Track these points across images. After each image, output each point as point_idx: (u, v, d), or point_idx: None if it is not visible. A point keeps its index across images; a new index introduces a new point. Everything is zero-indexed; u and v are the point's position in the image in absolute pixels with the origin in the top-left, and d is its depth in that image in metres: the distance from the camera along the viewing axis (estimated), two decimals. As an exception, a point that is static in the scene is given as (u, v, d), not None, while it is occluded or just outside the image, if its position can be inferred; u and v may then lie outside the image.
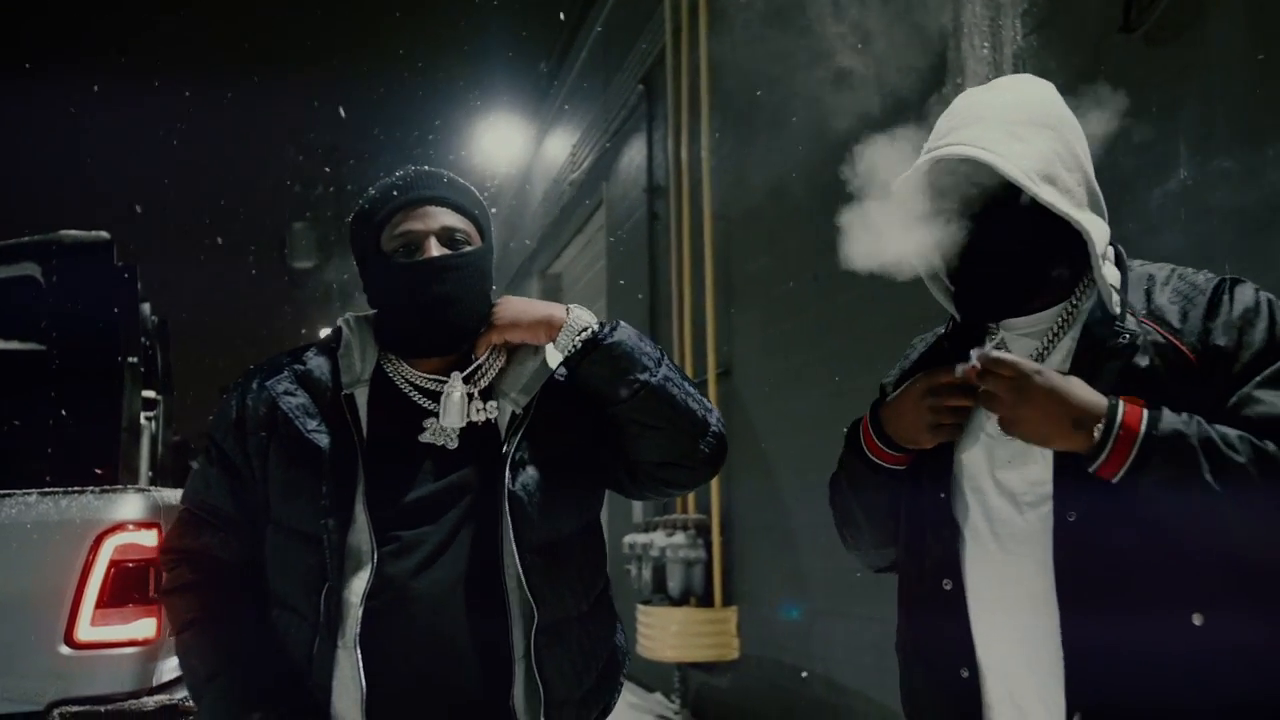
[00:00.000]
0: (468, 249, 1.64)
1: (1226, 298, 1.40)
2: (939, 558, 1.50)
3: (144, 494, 3.54)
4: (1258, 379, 1.33)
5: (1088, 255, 1.44)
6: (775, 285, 5.60)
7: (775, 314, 5.65)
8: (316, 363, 1.66)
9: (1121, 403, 1.33)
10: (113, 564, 3.37)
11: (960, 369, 1.42)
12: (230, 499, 1.64)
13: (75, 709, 3.28)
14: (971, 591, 1.46)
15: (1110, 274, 1.46)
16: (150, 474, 6.56)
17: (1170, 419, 1.31)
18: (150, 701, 3.40)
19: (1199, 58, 2.87)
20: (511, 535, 1.54)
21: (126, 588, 3.39)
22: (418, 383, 1.64)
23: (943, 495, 1.51)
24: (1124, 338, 1.39)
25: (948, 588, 1.48)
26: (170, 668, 3.63)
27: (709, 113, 6.55)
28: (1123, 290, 1.46)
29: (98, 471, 4.92)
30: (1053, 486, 1.40)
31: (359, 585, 1.52)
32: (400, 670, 1.52)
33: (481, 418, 1.61)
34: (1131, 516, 1.35)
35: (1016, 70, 3.61)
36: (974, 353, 1.42)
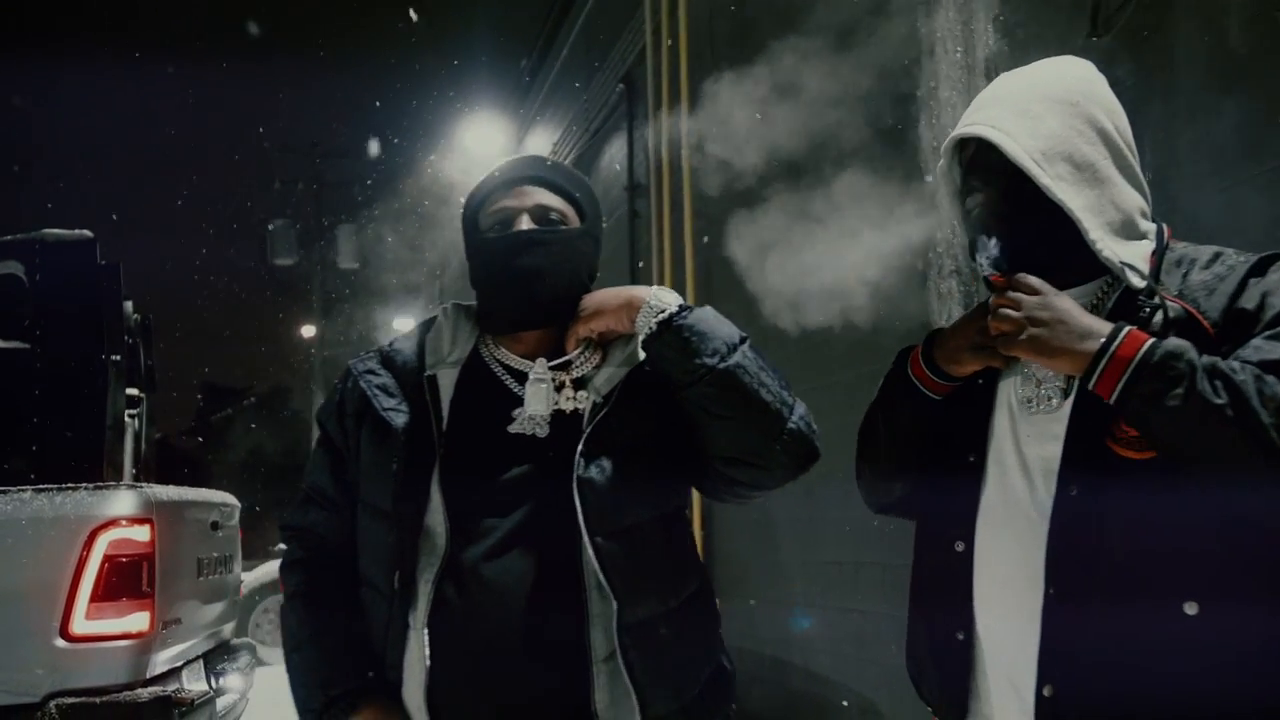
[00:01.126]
0: (561, 226, 1.63)
1: (1264, 270, 1.41)
2: (957, 518, 1.52)
3: (136, 490, 3.60)
4: (1267, 332, 1.34)
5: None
6: (757, 283, 5.68)
7: (755, 311, 5.73)
8: (405, 345, 1.67)
9: (1127, 326, 1.38)
10: (107, 559, 3.44)
11: (988, 273, 1.49)
12: (331, 480, 1.67)
13: (71, 700, 3.35)
14: (979, 557, 1.49)
15: (1129, 251, 1.46)
16: (134, 471, 6.57)
17: (1173, 340, 1.34)
18: (144, 693, 3.48)
19: (1162, 63, 2.97)
20: (582, 522, 1.50)
21: (120, 582, 3.46)
22: (510, 364, 1.63)
23: (972, 459, 1.53)
24: (1145, 311, 1.42)
25: (959, 549, 1.51)
26: (163, 660, 3.70)
27: (689, 112, 6.63)
28: (1155, 269, 1.47)
29: (86, 467, 4.97)
30: (1060, 462, 1.43)
31: (431, 567, 1.51)
32: (464, 656, 1.50)
33: (570, 406, 1.58)
34: (1135, 497, 1.35)
35: (989, 75, 3.71)
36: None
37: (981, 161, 1.53)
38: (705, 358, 1.52)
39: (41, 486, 3.60)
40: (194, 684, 3.96)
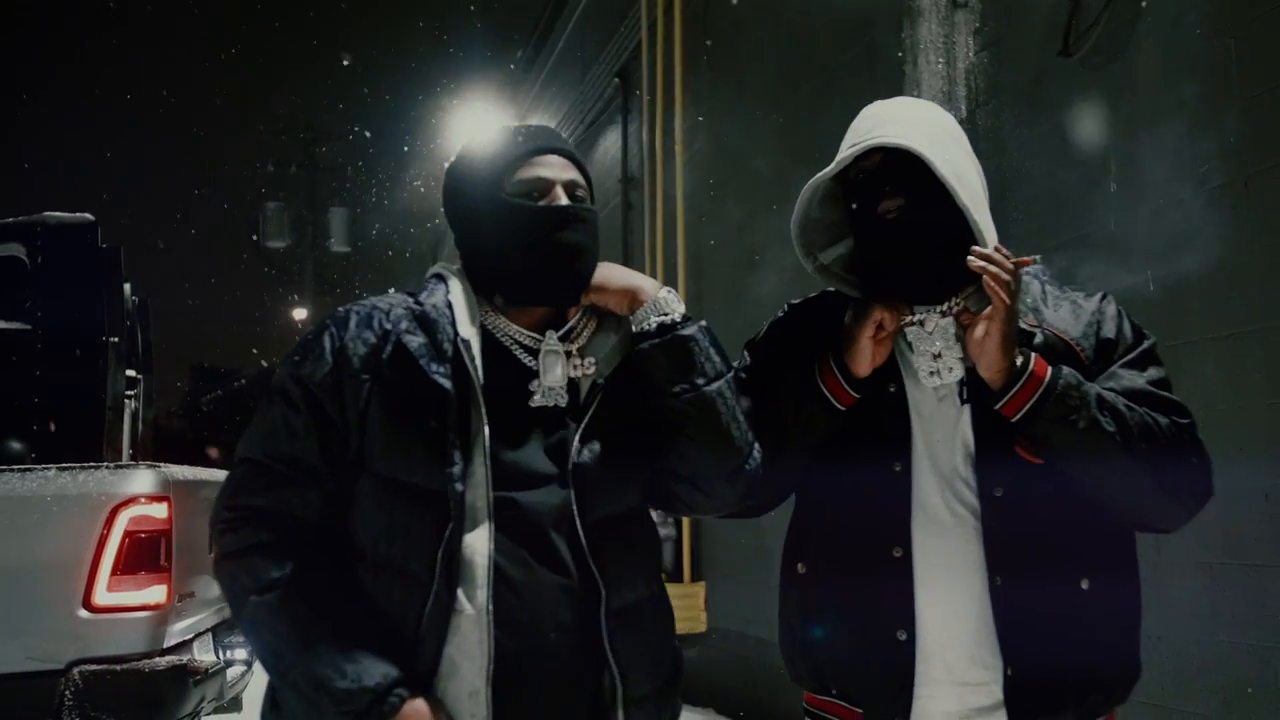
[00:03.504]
0: (592, 206, 1.60)
1: (1106, 308, 1.65)
2: (892, 526, 1.58)
3: (155, 470, 3.78)
4: (1121, 362, 1.60)
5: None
6: (746, 275, 5.84)
7: (745, 303, 5.89)
8: (433, 303, 1.53)
9: (1034, 355, 1.55)
10: (127, 534, 3.62)
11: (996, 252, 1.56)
12: (317, 449, 1.46)
13: (93, 668, 3.52)
14: (918, 559, 1.56)
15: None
16: (131, 452, 6.66)
17: (1068, 369, 1.53)
18: (162, 661, 3.66)
19: (1128, 82, 3.17)
20: (575, 509, 1.45)
21: (140, 556, 3.64)
22: (516, 337, 1.54)
23: (898, 468, 1.59)
24: (1029, 344, 1.58)
25: (897, 555, 1.56)
26: (177, 631, 3.88)
27: (683, 107, 6.79)
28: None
29: (85, 447, 5.06)
30: (975, 467, 1.57)
31: (481, 544, 1.41)
32: (523, 638, 1.42)
33: (579, 374, 1.53)
34: (1045, 494, 1.54)
35: (970, 85, 3.90)
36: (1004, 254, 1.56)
37: (895, 172, 1.60)
38: (694, 377, 1.50)
39: (65, 465, 3.77)
40: (204, 655, 4.13)
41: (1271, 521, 2.72)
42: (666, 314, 1.54)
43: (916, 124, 1.62)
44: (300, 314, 24.14)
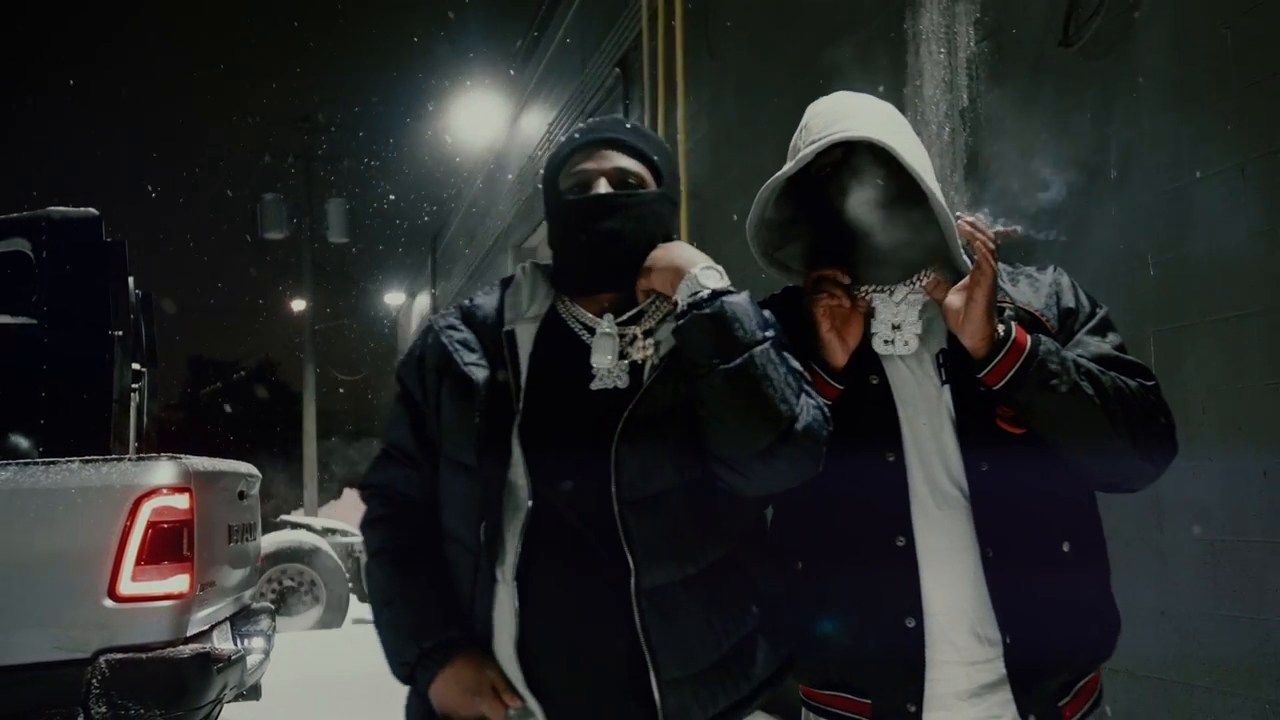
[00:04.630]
0: (638, 190, 1.61)
1: (1061, 279, 1.72)
2: (892, 516, 1.59)
3: (176, 461, 3.83)
4: (1084, 329, 1.66)
5: (941, 238, 1.66)
6: (748, 265, 5.91)
7: (750, 290, 5.95)
8: (485, 301, 1.68)
9: (1014, 323, 1.59)
10: (150, 525, 3.68)
11: (981, 220, 1.60)
12: (411, 436, 1.66)
13: (119, 656, 3.59)
14: (920, 545, 1.58)
15: (966, 260, 1.66)
16: (136, 445, 6.72)
17: (1046, 338, 1.58)
18: (185, 650, 3.72)
19: (1127, 71, 3.23)
20: (614, 488, 1.49)
21: (163, 546, 3.70)
22: (585, 321, 1.62)
23: (892, 458, 1.61)
24: (1004, 315, 1.62)
25: (900, 544, 1.58)
26: (198, 620, 3.95)
27: (684, 95, 6.84)
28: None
29: (92, 440, 5.10)
30: (959, 445, 1.61)
31: (516, 521, 1.52)
32: (552, 609, 1.51)
33: (640, 356, 1.57)
34: (1026, 463, 1.58)
35: (971, 75, 3.95)
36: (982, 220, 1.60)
37: (859, 165, 1.64)
38: (712, 356, 1.48)
39: (88, 458, 3.83)
40: (223, 644, 4.21)
41: (1271, 499, 2.79)
42: (695, 292, 1.52)
43: (871, 116, 1.66)
44: (299, 305, 24.18)
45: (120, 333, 5.82)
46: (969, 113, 3.95)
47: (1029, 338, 1.57)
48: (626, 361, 1.58)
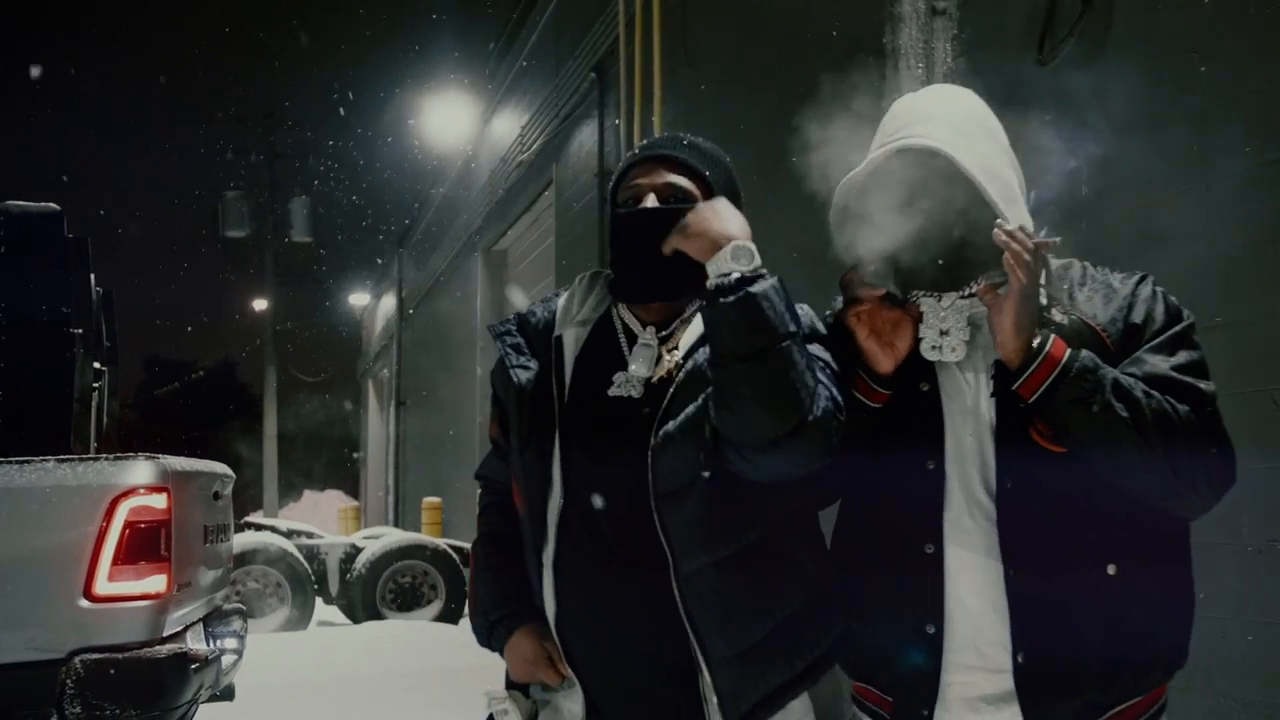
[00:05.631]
0: (683, 204, 1.64)
1: (1141, 290, 1.64)
2: (924, 523, 1.61)
3: (154, 461, 3.80)
4: (1147, 346, 1.58)
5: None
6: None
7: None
8: (541, 308, 1.80)
9: (1052, 336, 1.55)
10: (127, 525, 3.64)
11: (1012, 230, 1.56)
12: (501, 432, 1.83)
13: (95, 657, 3.55)
14: (948, 554, 1.60)
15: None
16: (96, 445, 6.65)
17: (1086, 353, 1.53)
18: (163, 650, 3.69)
19: (1099, 90, 3.32)
20: (651, 486, 1.58)
21: (140, 546, 3.66)
22: (633, 329, 1.72)
23: (932, 466, 1.62)
24: (1050, 328, 1.58)
25: (929, 551, 1.60)
26: (176, 619, 3.94)
27: (661, 103, 6.89)
28: (1046, 282, 1.62)
29: (53, 440, 5.03)
30: (995, 457, 1.59)
31: (554, 511, 1.64)
32: (583, 595, 1.63)
33: (664, 369, 1.66)
34: (1059, 483, 1.55)
35: (946, 89, 4.04)
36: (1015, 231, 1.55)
37: (921, 172, 1.62)
38: (735, 345, 1.49)
39: (64, 457, 3.81)
40: (197, 644, 4.19)
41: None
42: (724, 274, 1.51)
43: (945, 118, 1.64)
44: (260, 304, 24.00)
45: (81, 331, 5.78)
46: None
47: (1066, 352, 1.53)
48: (649, 374, 1.67)
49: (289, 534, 10.20)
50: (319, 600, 9.86)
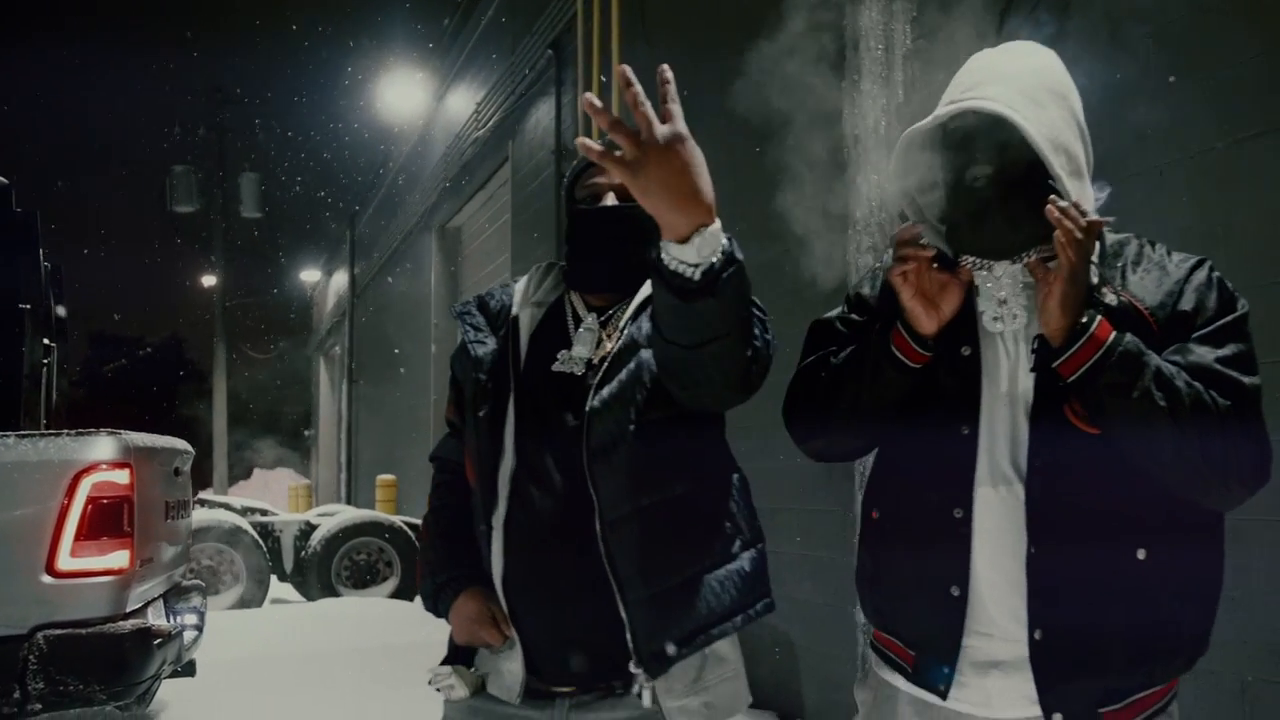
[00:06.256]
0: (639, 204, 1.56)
1: (1196, 275, 1.60)
2: (955, 488, 1.61)
3: (116, 437, 3.80)
4: (1196, 335, 1.55)
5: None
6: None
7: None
8: (500, 291, 1.94)
9: (1099, 317, 1.52)
10: (89, 500, 3.66)
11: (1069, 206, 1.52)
12: (456, 411, 1.95)
13: (57, 632, 3.58)
14: (976, 519, 1.60)
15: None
16: (45, 421, 6.59)
17: (1131, 337, 1.50)
18: (126, 625, 3.71)
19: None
20: (584, 443, 1.70)
21: (102, 522, 3.68)
22: (580, 314, 1.85)
23: (966, 431, 1.62)
24: (1099, 308, 1.55)
25: (958, 515, 1.60)
26: (138, 595, 3.94)
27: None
28: (1099, 260, 1.62)
29: (2, 417, 4.97)
30: (1028, 433, 1.58)
31: (505, 475, 1.74)
32: (529, 554, 1.74)
33: (604, 350, 1.78)
34: (1092, 465, 1.54)
35: (906, 71, 4.10)
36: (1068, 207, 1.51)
37: (987, 136, 1.59)
38: (679, 334, 1.53)
39: (25, 433, 3.78)
40: (159, 620, 4.19)
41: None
42: (679, 265, 1.44)
43: (1019, 81, 1.60)
44: (209, 280, 23.67)
45: (30, 307, 5.70)
46: (905, 106, 4.10)
47: (1111, 335, 1.50)
48: (589, 355, 1.79)
49: (243, 511, 10.13)
50: (274, 578, 9.82)
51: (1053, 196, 1.52)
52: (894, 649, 1.73)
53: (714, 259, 1.43)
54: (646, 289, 1.77)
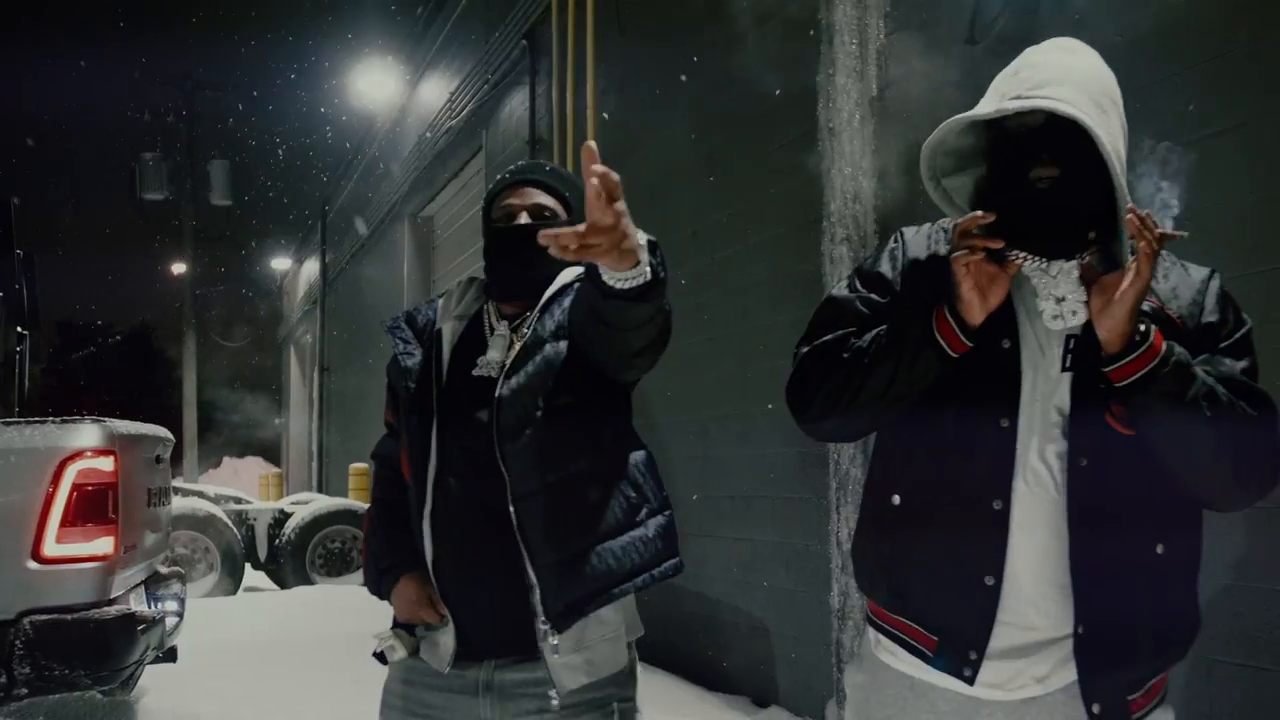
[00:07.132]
0: (551, 221, 1.99)
1: (1211, 285, 1.68)
2: (994, 482, 1.63)
3: (101, 424, 3.84)
4: (1223, 346, 1.63)
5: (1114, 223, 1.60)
6: (657, 239, 6.04)
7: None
8: (426, 307, 2.16)
9: (1153, 326, 1.56)
10: (75, 487, 3.70)
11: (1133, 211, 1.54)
12: (394, 413, 2.15)
13: (43, 617, 3.62)
14: (1015, 514, 1.62)
15: (1128, 251, 1.59)
16: (18, 409, 6.58)
17: (1180, 348, 1.55)
18: (111, 610, 3.76)
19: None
20: (494, 428, 1.89)
21: (88, 509, 3.73)
22: (494, 324, 2.04)
23: (1005, 424, 1.64)
24: (1146, 317, 1.58)
25: (997, 508, 1.62)
26: (122, 581, 3.97)
27: (594, 73, 6.94)
28: None
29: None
30: (1068, 432, 1.62)
31: (430, 469, 1.94)
32: (453, 542, 1.93)
33: (514, 352, 1.97)
34: (1127, 466, 1.59)
35: (880, 66, 4.18)
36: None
37: (1055, 138, 1.61)
38: (613, 327, 1.76)
39: (9, 420, 3.81)
40: (140, 605, 4.23)
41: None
42: (627, 285, 1.63)
43: (1083, 87, 1.61)
44: (179, 268, 23.48)
45: (2, 294, 5.70)
46: (877, 101, 4.18)
47: (1164, 344, 1.54)
48: (502, 358, 1.97)
49: (216, 499, 10.13)
50: (248, 566, 9.83)
51: (1131, 205, 1.55)
52: (912, 634, 1.74)
53: (644, 278, 1.65)
54: (549, 292, 1.99)
